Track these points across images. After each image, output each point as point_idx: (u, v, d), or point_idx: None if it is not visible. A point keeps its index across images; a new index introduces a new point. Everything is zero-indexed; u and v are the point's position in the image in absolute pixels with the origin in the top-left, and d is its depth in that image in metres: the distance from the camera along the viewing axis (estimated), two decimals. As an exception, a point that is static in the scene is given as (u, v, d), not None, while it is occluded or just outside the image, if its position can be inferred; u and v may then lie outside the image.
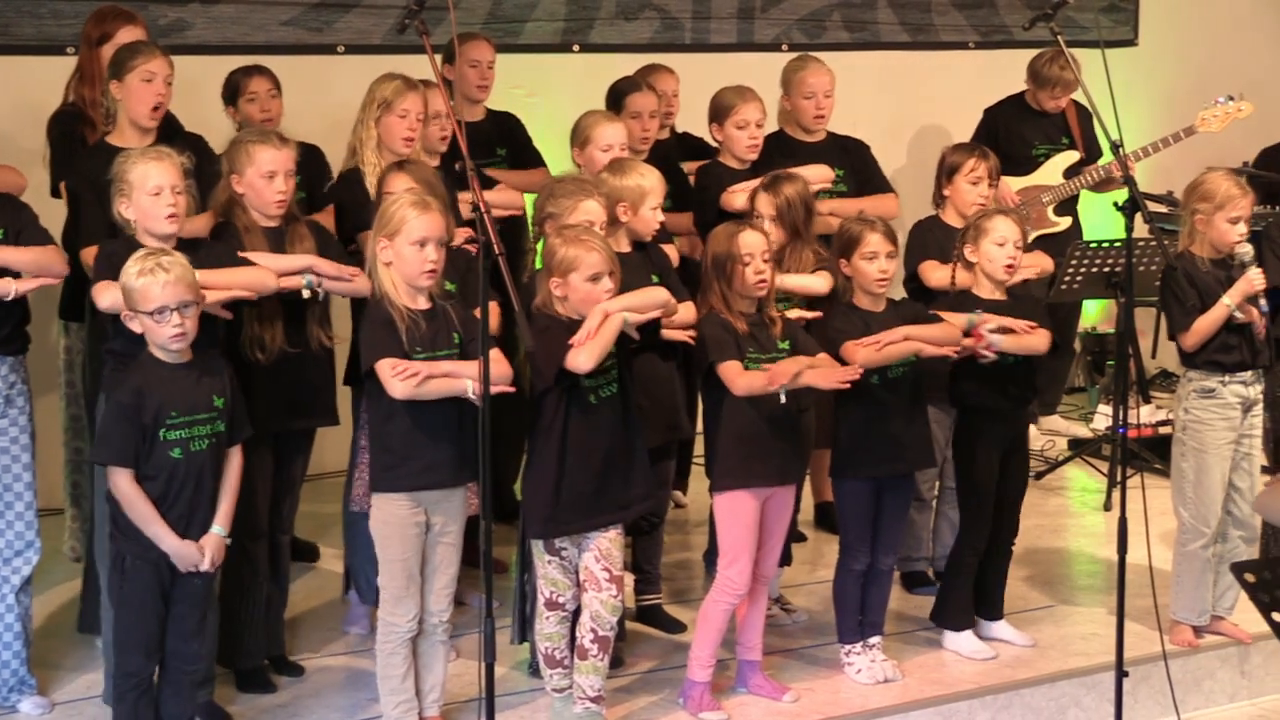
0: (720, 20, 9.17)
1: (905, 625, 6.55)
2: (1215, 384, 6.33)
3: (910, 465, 6.10)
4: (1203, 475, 6.34)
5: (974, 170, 6.78)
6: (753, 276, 5.73)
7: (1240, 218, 6.30)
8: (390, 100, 6.46)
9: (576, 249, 5.44)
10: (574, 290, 5.43)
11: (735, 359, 5.65)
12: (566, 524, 5.49)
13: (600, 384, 5.48)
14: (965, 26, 9.82)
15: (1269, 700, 6.51)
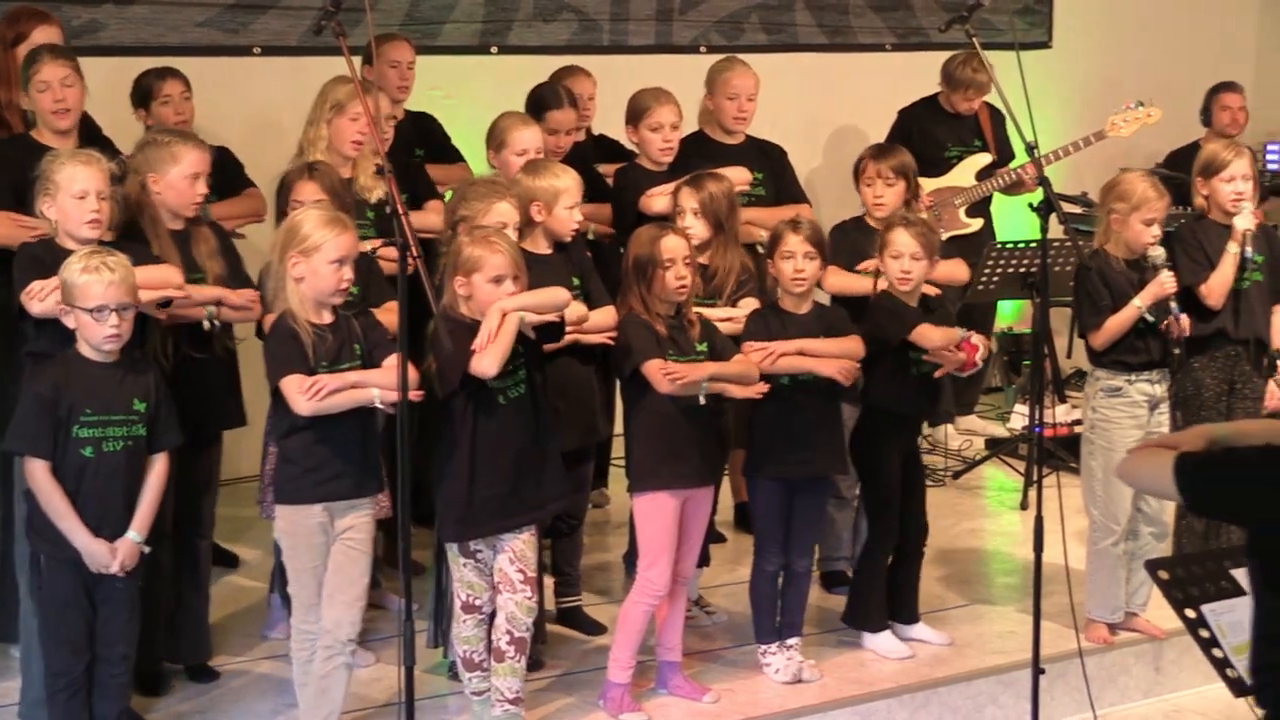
0: (638, 22, 9.17)
1: (825, 625, 6.57)
2: (1122, 383, 6.39)
3: (821, 468, 6.12)
4: (1111, 473, 6.40)
5: (866, 171, 6.82)
6: (674, 281, 5.74)
7: (1155, 219, 6.36)
8: (343, 103, 6.45)
9: (482, 249, 5.43)
10: (476, 290, 5.43)
11: (659, 358, 5.66)
12: (479, 526, 5.48)
13: (507, 385, 5.47)
14: (882, 29, 9.87)
15: (1182, 696, 6.57)
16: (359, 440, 5.36)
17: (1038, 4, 10.35)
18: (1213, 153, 6.71)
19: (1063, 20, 10.45)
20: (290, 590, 5.48)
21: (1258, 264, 6.64)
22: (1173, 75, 10.03)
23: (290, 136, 6.74)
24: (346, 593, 5.39)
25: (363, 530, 5.43)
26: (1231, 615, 4.72)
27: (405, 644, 4.98)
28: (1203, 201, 6.69)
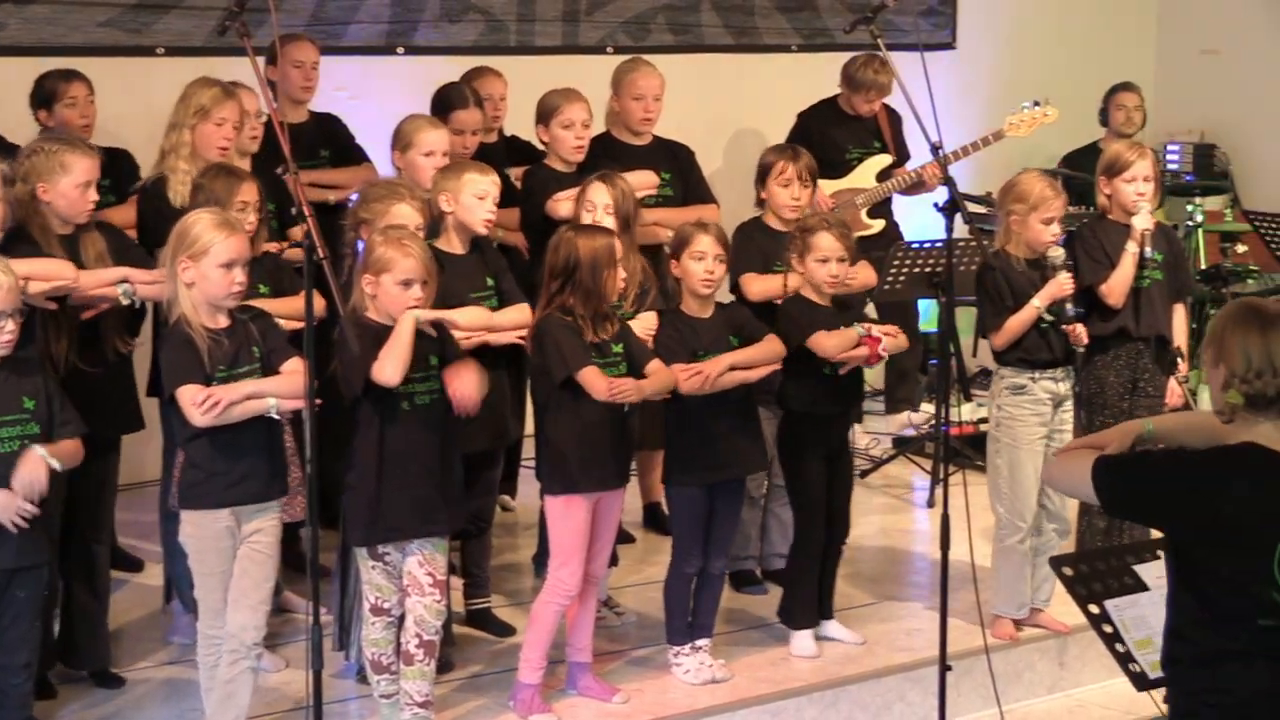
0: (545, 23, 9.16)
1: (734, 625, 6.59)
2: (1026, 380, 6.44)
3: (743, 470, 6.15)
4: (1016, 470, 6.45)
5: (783, 172, 6.82)
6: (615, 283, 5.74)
7: (1053, 218, 6.42)
8: (208, 108, 6.38)
9: (394, 251, 5.40)
10: (384, 291, 5.40)
11: (593, 365, 5.65)
12: (388, 533, 5.47)
13: (416, 391, 5.46)
14: (788, 30, 9.91)
15: (1086, 691, 6.63)
16: (265, 443, 5.32)
17: (942, 6, 10.43)
18: (1116, 153, 6.78)
19: (966, 22, 10.53)
20: (196, 595, 5.43)
21: (1157, 262, 6.71)
22: (1074, 76, 10.13)
23: (192, 138, 6.66)
24: (252, 596, 5.35)
25: (269, 534, 5.39)
26: (1134, 610, 4.78)
27: (313, 648, 4.95)
28: (1105, 201, 6.76)
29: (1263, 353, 4.00)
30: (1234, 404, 4.01)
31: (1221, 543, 3.96)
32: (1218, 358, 4.06)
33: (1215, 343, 4.08)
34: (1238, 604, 3.97)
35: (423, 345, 5.48)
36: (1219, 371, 4.05)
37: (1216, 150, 10.92)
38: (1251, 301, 4.22)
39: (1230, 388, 4.01)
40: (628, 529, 7.34)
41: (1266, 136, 10.85)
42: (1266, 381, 3.99)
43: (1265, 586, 3.95)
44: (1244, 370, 4.00)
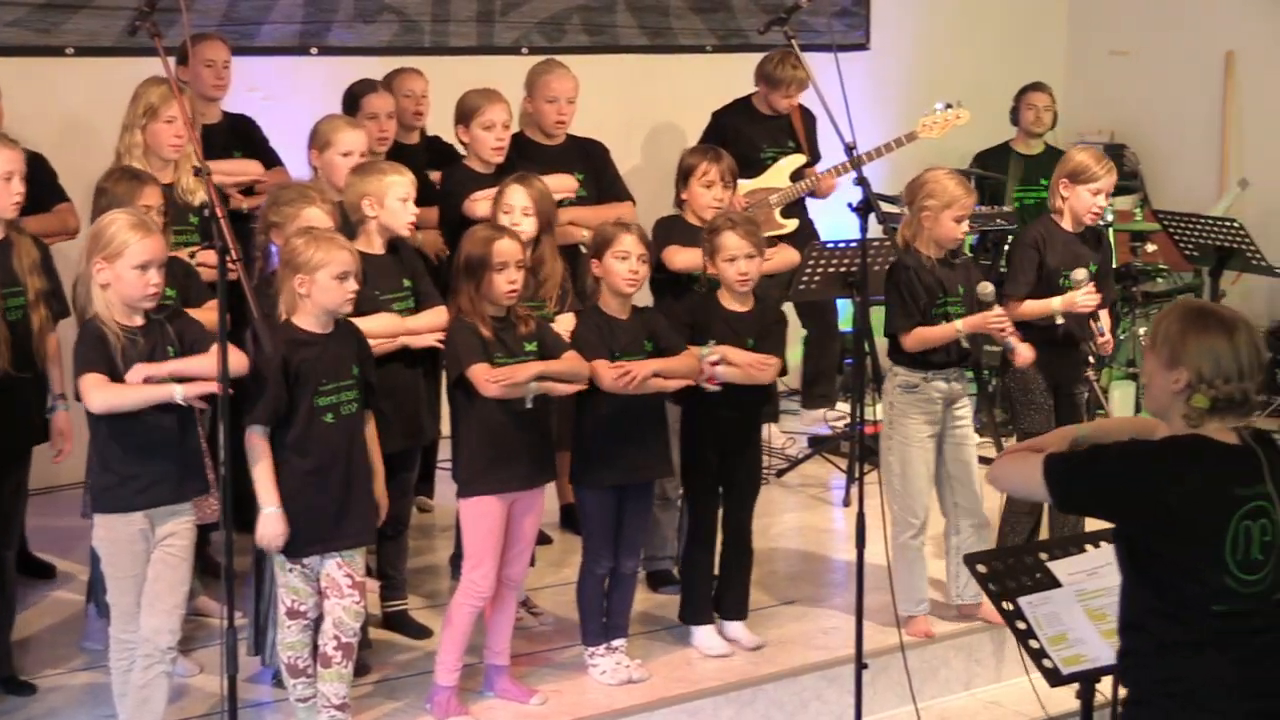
0: (460, 23, 9.13)
1: (650, 624, 6.59)
2: (919, 380, 6.48)
3: (650, 474, 6.15)
4: (907, 468, 6.49)
5: (706, 174, 6.85)
6: (505, 284, 5.73)
7: (964, 216, 6.47)
8: (156, 106, 6.37)
9: (326, 247, 5.40)
10: (320, 288, 5.39)
11: (483, 362, 5.64)
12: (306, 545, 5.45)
13: (342, 401, 5.44)
14: (703, 30, 9.92)
15: (1001, 687, 6.68)
16: (177, 444, 5.29)
17: (855, 7, 10.47)
18: (1085, 162, 6.75)
19: (880, 23, 10.58)
20: (109, 599, 5.39)
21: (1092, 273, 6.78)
22: (986, 77, 10.20)
23: (104, 138, 6.63)
24: (166, 600, 5.32)
25: (184, 537, 5.37)
26: (1047, 607, 4.82)
27: (227, 652, 4.93)
28: (1060, 204, 6.77)
29: (1231, 357, 4.03)
30: (1200, 408, 4.05)
31: (1175, 532, 4.01)
32: (1176, 361, 4.08)
33: (1171, 345, 4.10)
34: (1192, 591, 4.03)
35: (345, 355, 5.46)
36: (1177, 374, 4.07)
37: (1126, 150, 11.01)
38: (1204, 304, 4.28)
39: (1196, 392, 4.05)
40: (545, 530, 7.33)
41: (1175, 137, 10.97)
42: (1233, 386, 4.03)
43: (1218, 572, 4.01)
44: (1212, 375, 4.03)
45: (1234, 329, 4.06)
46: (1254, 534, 4.03)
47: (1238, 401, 4.05)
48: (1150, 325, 4.29)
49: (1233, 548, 4.01)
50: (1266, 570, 4.05)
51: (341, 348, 5.51)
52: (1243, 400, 4.05)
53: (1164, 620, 4.06)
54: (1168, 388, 4.09)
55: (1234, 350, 4.04)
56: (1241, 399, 4.05)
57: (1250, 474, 4.06)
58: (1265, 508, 4.05)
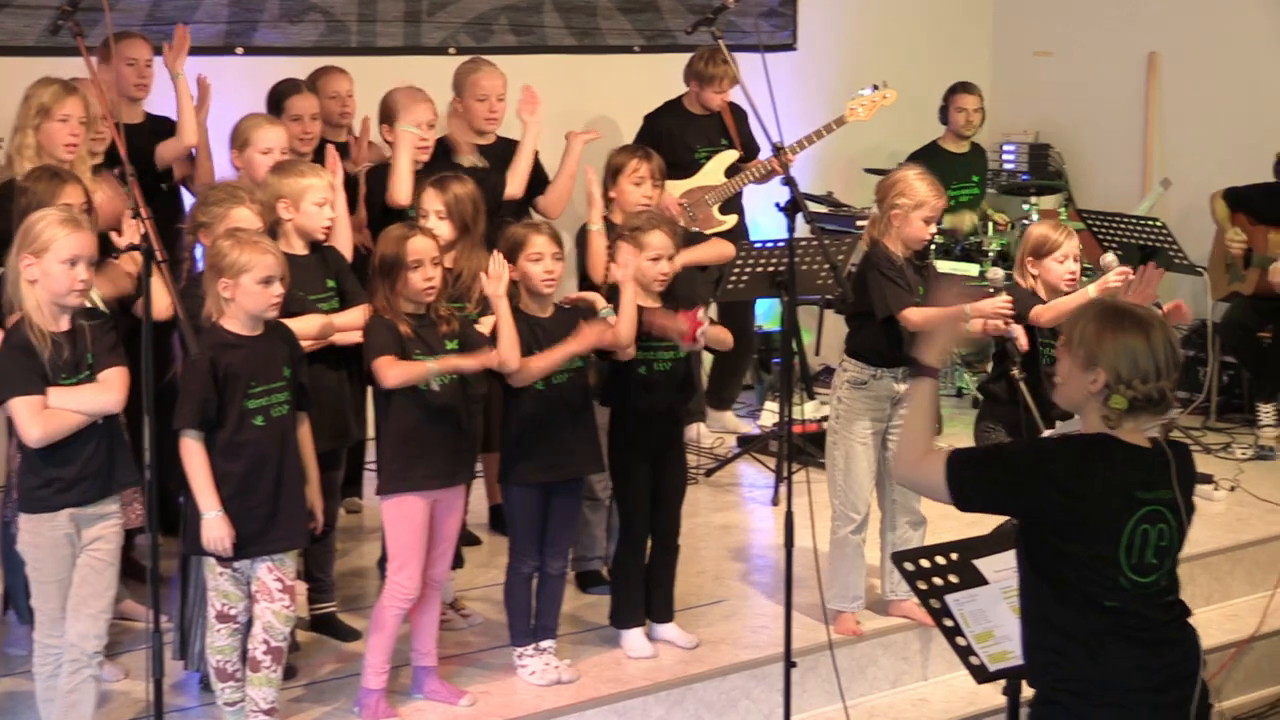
0: (386, 23, 9.10)
1: (580, 625, 6.59)
2: (868, 376, 6.51)
3: (577, 470, 6.14)
4: (851, 463, 6.52)
5: (636, 171, 6.87)
6: (420, 281, 5.71)
7: (933, 217, 6.49)
8: (49, 105, 6.29)
9: (251, 251, 5.36)
10: (244, 292, 5.36)
11: (391, 354, 5.62)
12: (238, 548, 5.40)
13: (273, 403, 5.41)
14: (630, 30, 9.93)
15: (928, 685, 6.71)
16: (103, 440, 5.25)
17: (782, 7, 10.50)
18: (1044, 235, 6.72)
19: (807, 22, 10.61)
20: (34, 603, 5.34)
21: None
22: (913, 77, 10.24)
23: (26, 139, 6.54)
24: (93, 605, 5.27)
25: (110, 541, 5.32)
26: (974, 605, 4.86)
27: (153, 656, 4.90)
28: (1031, 281, 6.74)
29: (1148, 356, 4.07)
30: (1118, 409, 4.09)
31: (1075, 529, 4.06)
32: (1093, 361, 4.11)
33: (1088, 346, 4.13)
34: (1090, 588, 4.08)
35: (276, 356, 5.44)
36: (1094, 374, 4.11)
37: (1051, 150, 11.12)
38: (1120, 304, 4.31)
39: (1115, 393, 4.08)
40: (473, 531, 7.34)
41: (1099, 137, 11.06)
42: (1152, 385, 4.07)
43: (1112, 570, 4.06)
44: (1129, 375, 4.07)
45: (1150, 328, 4.10)
46: (1150, 537, 4.08)
47: (1155, 400, 4.10)
48: (1065, 326, 4.31)
49: (1128, 550, 4.06)
50: (1159, 574, 4.11)
51: (271, 349, 5.48)
52: (1160, 399, 4.10)
53: (1064, 617, 4.11)
54: (1085, 388, 4.13)
55: (1151, 350, 4.08)
56: (1159, 398, 4.09)
57: (1154, 478, 4.11)
58: (1163, 512, 4.10)
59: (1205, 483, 8.27)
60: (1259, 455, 9.03)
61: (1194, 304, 10.13)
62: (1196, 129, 10.61)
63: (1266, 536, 7.85)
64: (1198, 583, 7.41)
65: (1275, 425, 9.27)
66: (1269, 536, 7.84)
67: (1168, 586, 4.16)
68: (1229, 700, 7.17)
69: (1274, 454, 9.03)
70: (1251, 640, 7.29)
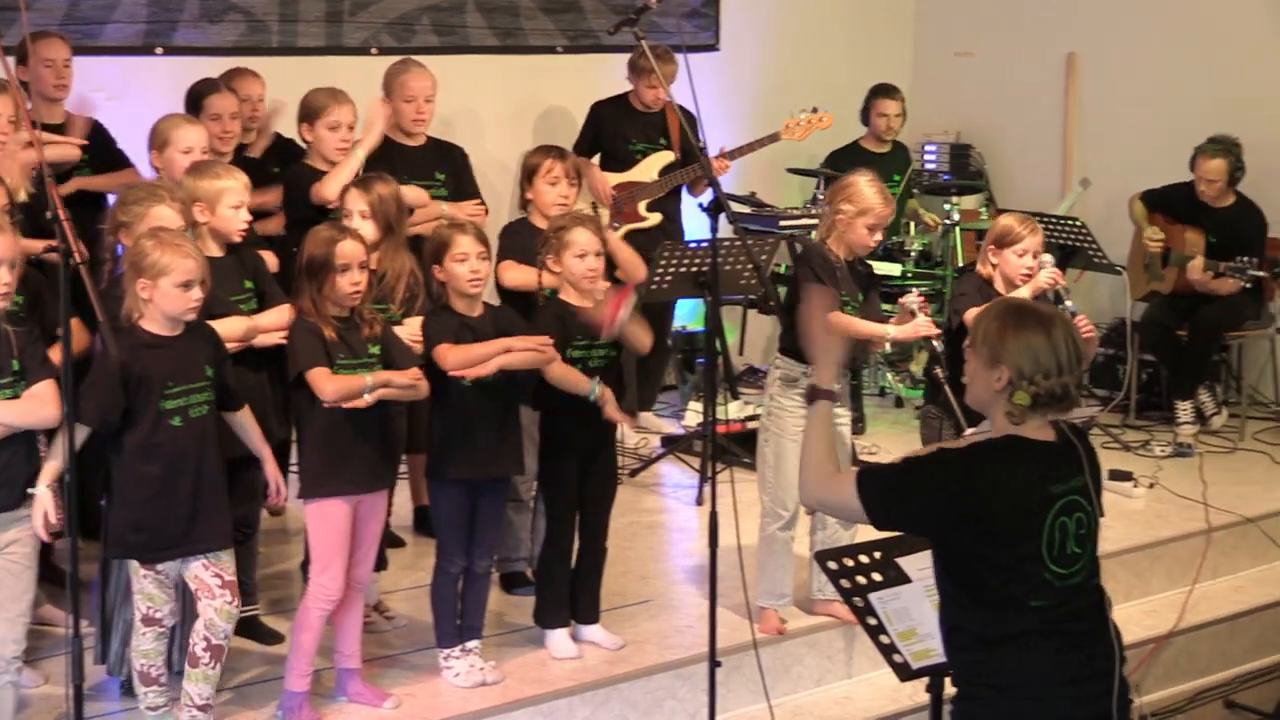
0: (308, 23, 9.06)
1: (505, 626, 6.58)
2: (799, 374, 6.53)
3: (503, 470, 6.13)
4: (781, 460, 6.54)
5: (551, 171, 6.85)
6: (348, 285, 5.69)
7: (878, 225, 6.50)
8: None
9: (171, 254, 5.32)
10: (162, 295, 5.32)
11: (323, 365, 5.60)
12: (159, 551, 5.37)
13: (192, 404, 5.38)
14: (553, 31, 9.92)
15: (852, 683, 6.74)
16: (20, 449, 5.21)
17: (705, 8, 10.52)
18: (1008, 226, 6.79)
19: (730, 23, 10.63)
20: (-49, 609, 5.29)
21: None
22: (836, 77, 10.30)
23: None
24: (10, 609, 5.23)
25: (26, 544, 5.28)
26: (897, 603, 4.88)
27: (73, 661, 4.85)
28: (990, 270, 6.81)
29: (1049, 353, 4.12)
30: (1022, 405, 4.13)
31: (994, 533, 4.09)
32: (996, 360, 4.16)
33: (991, 344, 4.18)
34: (1012, 589, 4.11)
35: (197, 356, 5.41)
36: (997, 372, 4.15)
37: (972, 150, 11.20)
38: (1019, 302, 4.36)
39: (1018, 389, 4.12)
40: (398, 532, 7.31)
41: (1019, 137, 11.15)
42: (1053, 381, 4.12)
43: (1036, 567, 4.09)
44: (1032, 371, 4.12)
45: (1051, 325, 4.16)
46: (1069, 528, 4.13)
47: (1058, 396, 4.15)
48: (971, 326, 4.37)
49: (1049, 544, 4.10)
50: (1082, 562, 4.17)
51: (192, 349, 5.43)
52: (1063, 395, 4.15)
53: (985, 619, 4.15)
54: (990, 386, 4.18)
55: (1052, 346, 4.14)
56: (1062, 393, 4.15)
57: (1066, 470, 4.16)
58: (1079, 501, 4.16)
59: (1125, 480, 8.36)
60: (1177, 452, 9.12)
61: (1113, 303, 10.29)
62: (1115, 129, 10.71)
63: (1185, 533, 7.93)
64: (1118, 579, 7.47)
65: (1193, 423, 9.38)
66: (1187, 533, 7.92)
67: (1091, 574, 4.21)
68: (1148, 695, 7.24)
69: (1192, 451, 9.12)
70: (1170, 636, 7.37)
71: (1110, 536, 7.51)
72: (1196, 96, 10.12)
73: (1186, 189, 9.52)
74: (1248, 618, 7.67)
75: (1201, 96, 10.08)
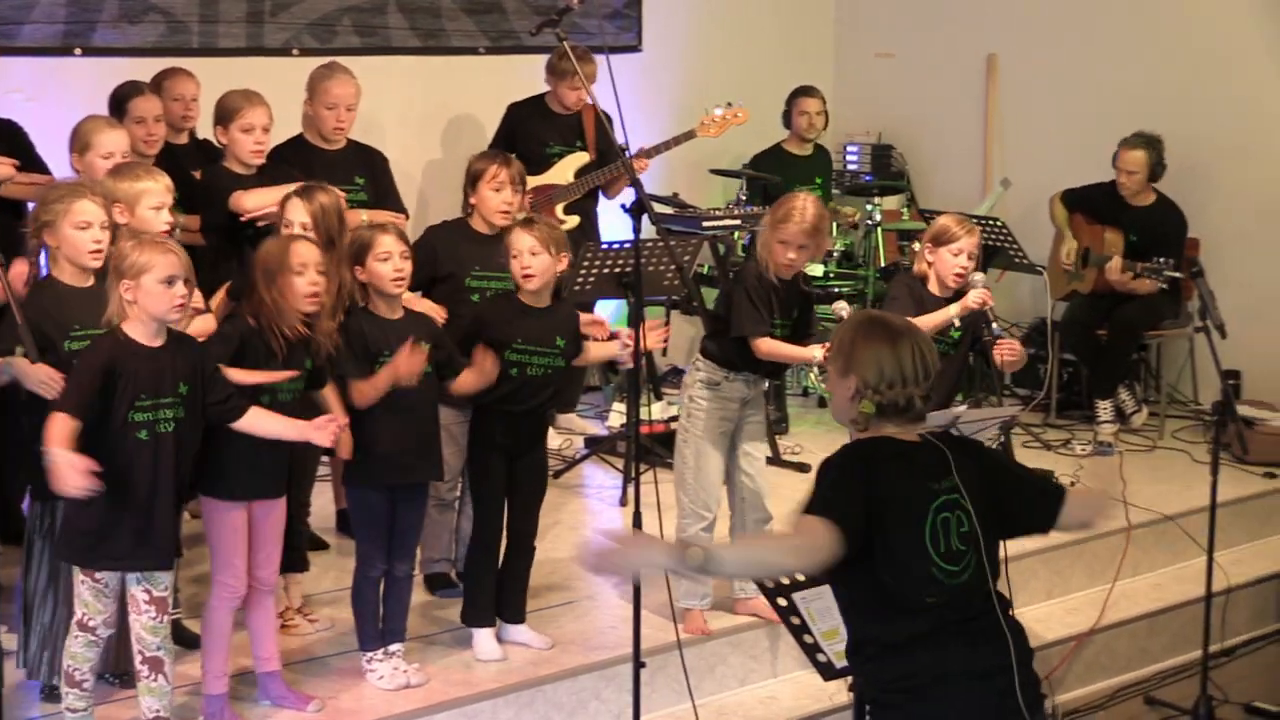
0: (228, 24, 9.00)
1: (429, 628, 6.57)
2: (720, 378, 6.56)
3: (420, 474, 6.11)
4: (702, 461, 6.56)
5: (496, 177, 6.85)
6: (306, 286, 5.65)
7: (790, 242, 6.48)
8: None
9: (151, 252, 5.28)
10: (146, 294, 5.26)
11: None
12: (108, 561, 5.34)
13: (158, 419, 5.33)
14: (476, 32, 9.90)
15: (776, 682, 6.76)
16: None
17: (627, 9, 10.52)
18: (946, 226, 6.90)
19: (652, 24, 10.64)
20: None
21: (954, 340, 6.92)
22: (758, 79, 10.33)
23: None
24: None
25: None
26: (820, 602, 4.91)
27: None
28: (925, 268, 6.88)
29: (894, 364, 4.25)
30: (866, 413, 4.24)
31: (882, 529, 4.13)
32: (847, 368, 4.28)
33: (844, 354, 4.32)
34: (904, 588, 4.16)
35: (173, 371, 5.36)
36: (848, 381, 4.28)
37: (893, 151, 11.26)
38: (875, 314, 4.49)
39: (864, 398, 4.23)
40: (320, 535, 7.28)
41: (940, 138, 11.21)
42: (897, 391, 4.24)
43: (924, 563, 4.15)
44: (876, 381, 4.24)
45: (898, 338, 4.30)
46: (951, 525, 4.21)
47: (901, 407, 4.27)
48: (832, 337, 4.48)
49: (933, 539, 4.17)
50: (967, 560, 4.22)
51: (170, 363, 5.35)
52: (907, 405, 4.27)
53: (886, 625, 4.19)
54: (843, 395, 4.30)
55: (896, 358, 4.27)
56: (905, 404, 4.27)
57: (939, 469, 4.23)
58: (958, 500, 4.23)
59: (1046, 478, 8.42)
60: (1098, 451, 9.20)
61: (1034, 302, 10.37)
62: (1035, 129, 10.79)
63: (1105, 531, 7.99)
64: (1039, 577, 7.54)
65: (1113, 421, 9.46)
66: (1107, 531, 7.98)
67: (981, 578, 4.26)
68: (1069, 693, 7.31)
69: (1112, 450, 9.20)
70: (1091, 633, 7.43)
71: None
72: (1115, 97, 10.21)
73: (1107, 188, 9.60)
74: (1167, 614, 7.74)
75: (1120, 96, 10.17)
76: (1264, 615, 8.12)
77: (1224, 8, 10.02)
